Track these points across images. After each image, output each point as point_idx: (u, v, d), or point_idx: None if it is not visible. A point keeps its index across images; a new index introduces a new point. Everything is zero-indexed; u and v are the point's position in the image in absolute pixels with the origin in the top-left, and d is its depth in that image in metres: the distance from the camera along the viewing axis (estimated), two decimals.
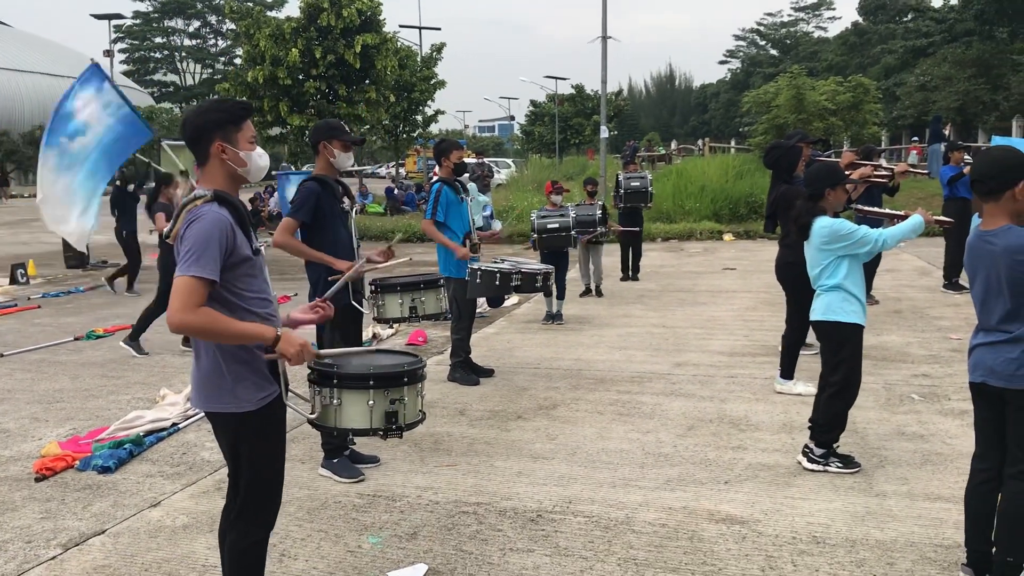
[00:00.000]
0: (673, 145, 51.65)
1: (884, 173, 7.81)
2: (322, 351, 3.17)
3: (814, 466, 5.02)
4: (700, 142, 46.50)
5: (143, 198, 14.85)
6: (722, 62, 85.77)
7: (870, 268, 11.29)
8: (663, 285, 12.54)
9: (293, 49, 22.60)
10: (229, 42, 72.05)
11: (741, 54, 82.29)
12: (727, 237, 19.05)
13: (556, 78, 54.17)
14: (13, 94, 57.78)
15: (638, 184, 12.86)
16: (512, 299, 10.96)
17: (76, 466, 5.31)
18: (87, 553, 4.16)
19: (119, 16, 48.13)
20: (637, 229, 12.89)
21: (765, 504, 4.56)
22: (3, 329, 10.18)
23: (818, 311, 5.07)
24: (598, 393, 6.80)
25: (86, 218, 9.85)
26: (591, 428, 5.93)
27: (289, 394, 3.12)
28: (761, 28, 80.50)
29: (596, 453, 5.43)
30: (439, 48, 31.20)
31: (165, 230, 2.97)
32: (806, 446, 5.13)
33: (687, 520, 4.39)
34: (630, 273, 13.05)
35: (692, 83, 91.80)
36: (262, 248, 3.12)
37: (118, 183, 13.63)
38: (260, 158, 3.09)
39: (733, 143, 45.74)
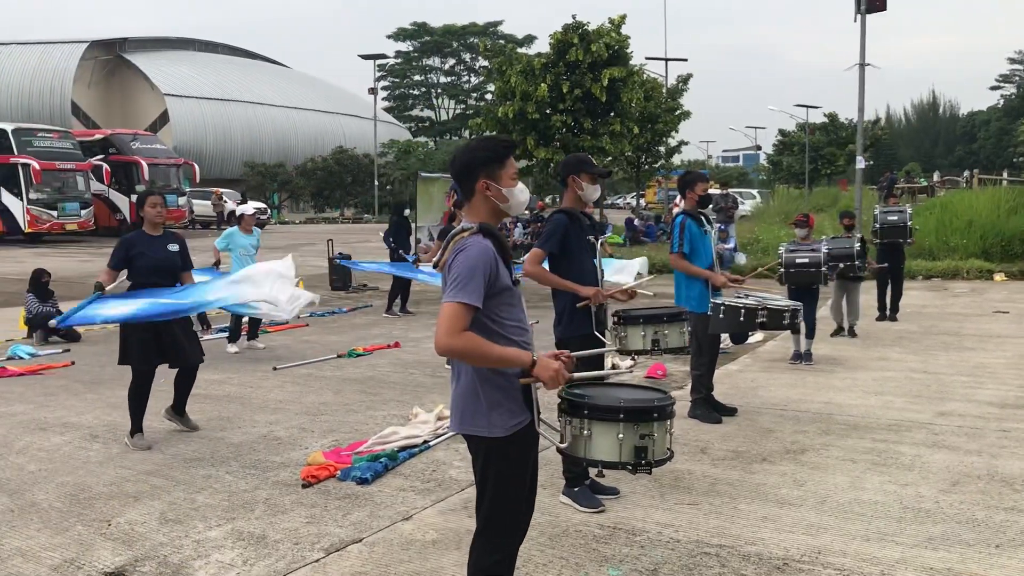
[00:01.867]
0: (936, 176, 48.32)
1: None
2: (575, 374, 3.22)
3: None
4: (967, 173, 43.19)
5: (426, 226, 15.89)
6: (994, 87, 79.36)
7: None
8: (924, 327, 11.69)
9: (542, 84, 23.29)
10: (482, 78, 75.50)
11: (1017, 78, 75.75)
12: (998, 277, 17.49)
13: (807, 106, 52.35)
14: (288, 130, 63.48)
15: (895, 218, 12.10)
16: (756, 336, 10.63)
17: (337, 476, 5.69)
18: (346, 559, 4.45)
19: (383, 56, 51.83)
20: (885, 265, 12.04)
21: None
22: (276, 345, 11.16)
23: None
24: (851, 440, 6.43)
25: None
26: (843, 476, 5.60)
27: (540, 422, 3.20)
28: None
29: (848, 503, 5.12)
30: (685, 79, 31.05)
31: (434, 259, 3.15)
32: None
33: None
34: (887, 313, 12.26)
35: (958, 110, 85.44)
36: (521, 279, 3.24)
37: (395, 210, 14.70)
38: (521, 193, 3.23)
39: (1006, 175, 42.06)
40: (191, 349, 6.79)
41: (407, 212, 14.58)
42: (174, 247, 6.80)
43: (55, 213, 30.68)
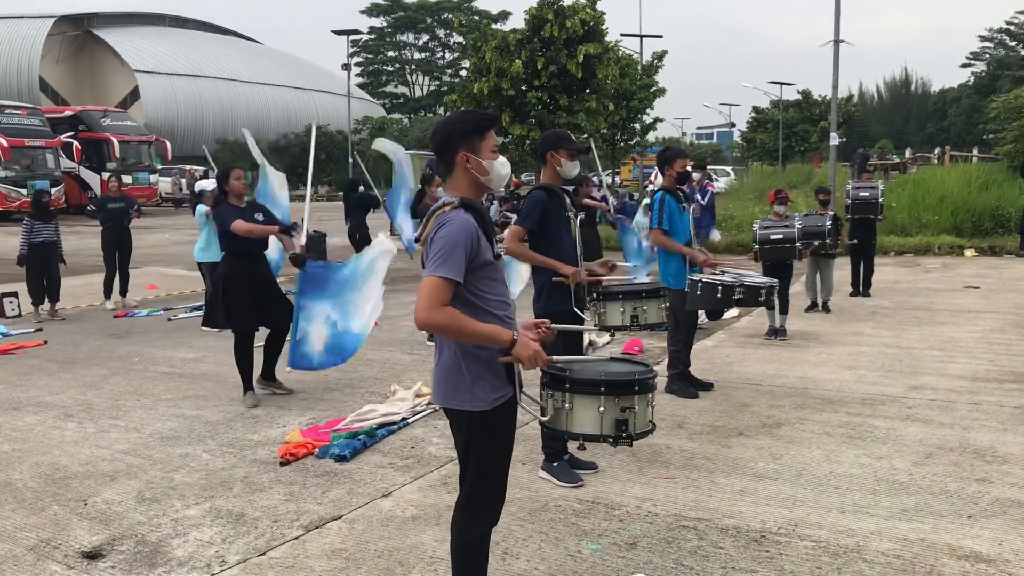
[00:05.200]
0: (908, 153, 48.66)
1: None
2: (554, 357, 3.23)
3: None
4: (938, 150, 43.52)
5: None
6: (964, 65, 79.68)
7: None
8: (897, 302, 11.81)
9: (517, 61, 23.14)
10: (456, 55, 74.93)
11: (987, 56, 76.19)
12: (969, 252, 17.69)
13: (781, 83, 52.41)
14: (262, 106, 62.81)
15: (867, 194, 12.18)
16: (731, 312, 10.69)
17: (316, 453, 5.68)
18: (326, 536, 4.45)
19: (357, 32, 51.23)
20: (854, 242, 12.12)
21: (1016, 543, 4.19)
22: None
23: None
24: (826, 414, 6.50)
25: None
26: (818, 450, 5.67)
27: (522, 396, 3.21)
28: (1012, 27, 74.17)
29: (824, 476, 5.18)
30: (660, 56, 30.90)
31: (416, 233, 3.14)
32: None
33: (925, 553, 4.11)
34: (861, 288, 12.38)
35: (930, 88, 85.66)
36: (502, 253, 3.23)
37: (351, 187, 14.56)
38: (502, 167, 3.21)
39: (976, 151, 42.44)
40: (284, 310, 7.27)
41: (361, 189, 14.45)
42: (260, 216, 7.17)
43: (24, 191, 30.22)
